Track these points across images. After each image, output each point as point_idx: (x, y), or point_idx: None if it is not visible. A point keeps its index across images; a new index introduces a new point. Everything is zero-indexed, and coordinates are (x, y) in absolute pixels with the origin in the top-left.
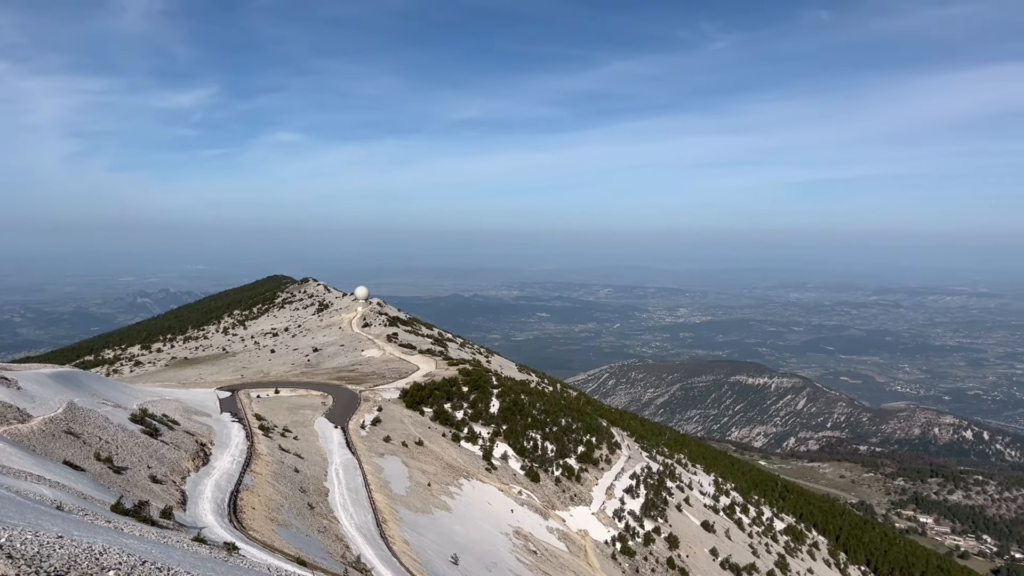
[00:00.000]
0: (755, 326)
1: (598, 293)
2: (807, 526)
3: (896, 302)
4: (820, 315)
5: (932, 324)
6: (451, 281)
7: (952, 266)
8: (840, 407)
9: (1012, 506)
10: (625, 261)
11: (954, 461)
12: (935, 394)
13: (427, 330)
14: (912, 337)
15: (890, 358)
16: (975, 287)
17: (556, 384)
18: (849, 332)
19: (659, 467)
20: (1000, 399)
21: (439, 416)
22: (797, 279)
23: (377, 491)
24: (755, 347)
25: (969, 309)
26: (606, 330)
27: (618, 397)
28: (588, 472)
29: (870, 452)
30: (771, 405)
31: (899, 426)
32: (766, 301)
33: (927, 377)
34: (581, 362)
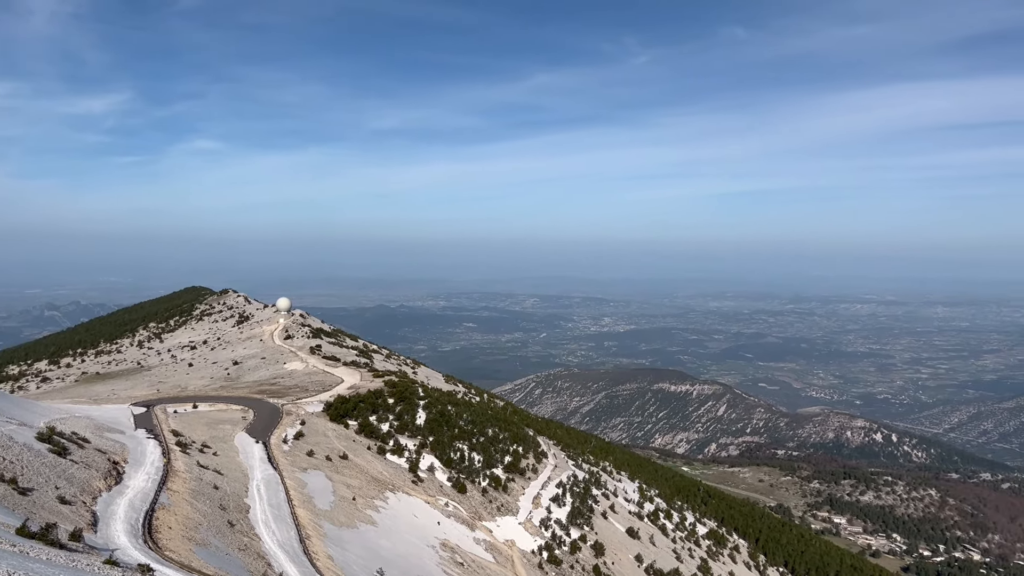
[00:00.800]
0: (677, 334)
1: (525, 303)
2: (728, 530)
3: (810, 310)
4: (739, 323)
5: (844, 331)
6: (377, 292)
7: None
8: (759, 413)
9: (919, 505)
10: (551, 271)
11: (865, 463)
12: (847, 398)
13: (352, 342)
14: (825, 344)
15: (805, 364)
16: (883, 295)
17: (483, 394)
18: (767, 340)
19: (585, 475)
20: (907, 402)
21: (364, 429)
22: (717, 288)
23: (300, 506)
24: (677, 355)
25: (878, 316)
26: (533, 340)
27: (545, 406)
28: (515, 482)
29: (787, 456)
30: (693, 412)
31: (814, 430)
32: (687, 310)
33: (840, 382)
34: (508, 372)
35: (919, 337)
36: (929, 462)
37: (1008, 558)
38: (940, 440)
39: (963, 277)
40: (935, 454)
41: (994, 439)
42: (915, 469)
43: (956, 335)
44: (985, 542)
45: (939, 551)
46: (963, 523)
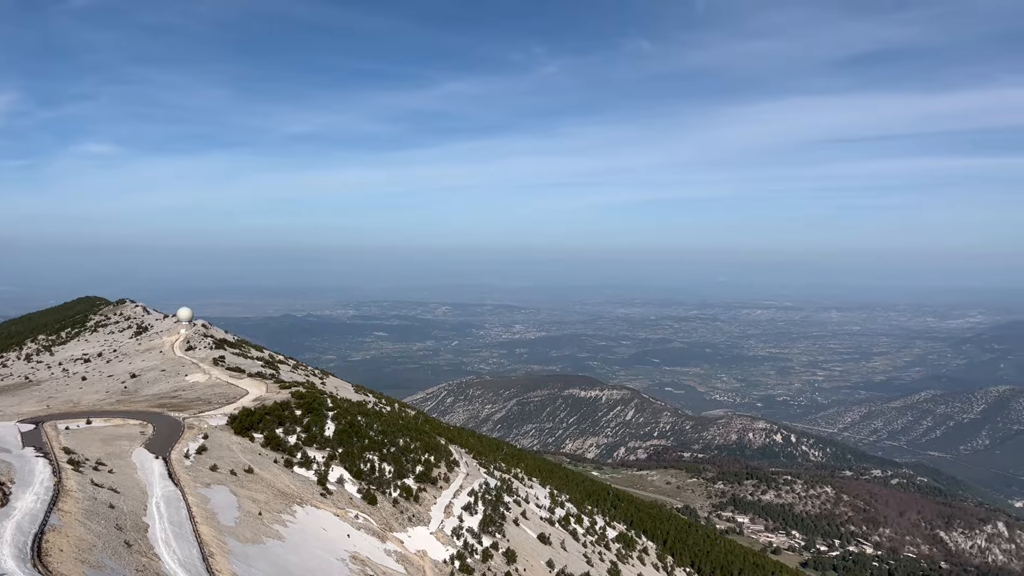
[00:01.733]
0: (587, 341)
1: (436, 311)
2: (637, 532)
3: (714, 316)
4: (646, 329)
5: (746, 336)
6: (283, 301)
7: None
8: (666, 416)
9: (816, 502)
10: (463, 279)
11: (767, 463)
12: (749, 401)
13: (257, 352)
14: (729, 348)
15: (710, 368)
16: (782, 301)
17: (394, 404)
18: (673, 345)
19: (497, 482)
20: (805, 404)
21: (271, 442)
22: (625, 295)
23: (203, 523)
24: (587, 361)
25: (777, 321)
26: (444, 348)
27: (457, 414)
28: (426, 491)
29: (693, 458)
30: (602, 417)
31: (718, 432)
32: (596, 316)
33: (742, 385)
34: (419, 381)
35: (815, 341)
36: (825, 461)
37: (898, 550)
38: (835, 439)
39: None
40: (831, 453)
41: (884, 437)
42: (812, 468)
43: (849, 339)
44: (877, 536)
45: (835, 546)
46: (856, 518)
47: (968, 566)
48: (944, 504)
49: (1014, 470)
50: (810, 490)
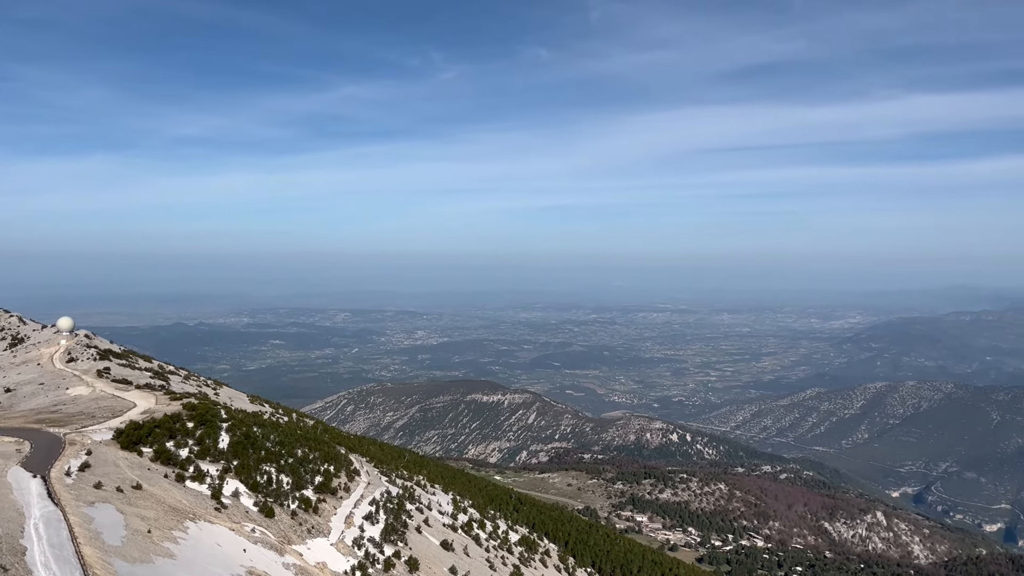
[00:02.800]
0: (488, 345)
1: (335, 318)
2: (539, 535)
3: (612, 319)
4: (547, 333)
5: (642, 339)
6: (174, 309)
7: (658, 286)
8: (566, 419)
9: (711, 499)
10: (363, 285)
11: (664, 462)
12: (647, 402)
13: (145, 363)
14: (626, 351)
15: (608, 371)
16: (677, 304)
17: (292, 414)
18: (573, 348)
19: (399, 490)
20: (699, 403)
21: (161, 456)
22: (526, 300)
23: (87, 544)
24: (489, 366)
25: (672, 324)
26: (344, 355)
27: (357, 423)
28: (326, 502)
29: (593, 460)
30: (505, 421)
31: (617, 433)
32: (498, 321)
33: (640, 387)
34: (319, 389)
35: (708, 343)
36: (719, 458)
37: (786, 542)
38: (728, 437)
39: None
40: (724, 451)
41: (773, 434)
42: (707, 466)
43: (739, 340)
44: (767, 529)
45: (729, 540)
46: (748, 513)
47: (850, 554)
48: (828, 496)
49: (890, 462)
50: (705, 487)
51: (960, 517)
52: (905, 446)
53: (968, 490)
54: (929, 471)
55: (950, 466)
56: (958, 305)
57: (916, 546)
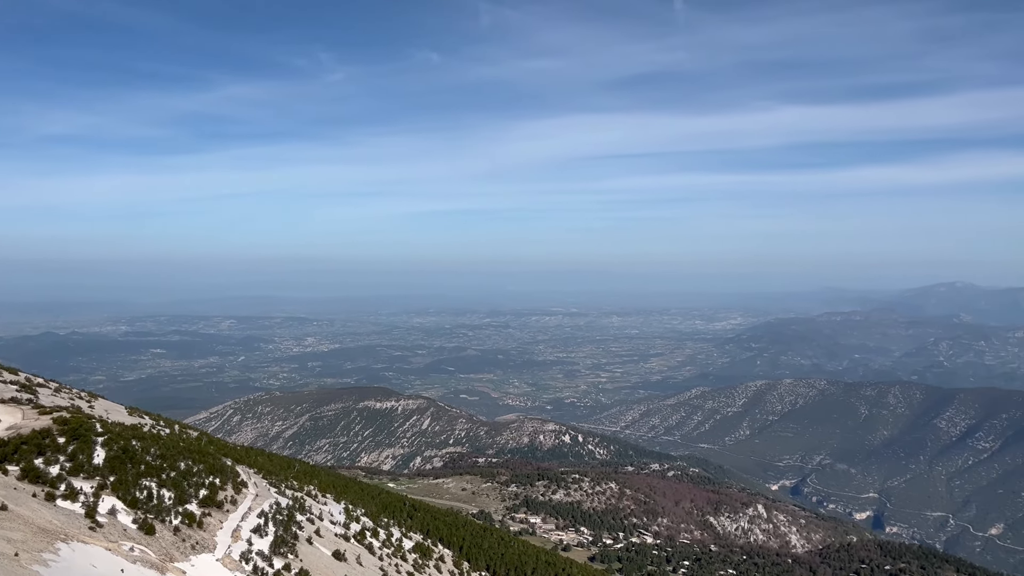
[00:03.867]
0: (382, 351)
1: (220, 325)
2: (434, 541)
3: (506, 323)
4: (441, 338)
5: (536, 342)
6: (43, 318)
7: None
8: (461, 424)
9: (602, 498)
10: (250, 291)
11: (556, 464)
12: (540, 404)
13: (11, 375)
14: (520, 354)
15: (502, 374)
16: (568, 308)
17: (174, 425)
18: (467, 353)
19: (289, 501)
20: (590, 404)
21: (29, 474)
22: (420, 305)
23: None
24: (382, 372)
25: (564, 327)
26: (230, 364)
27: (245, 433)
28: (212, 516)
29: (488, 463)
30: (398, 427)
31: (511, 436)
32: (391, 327)
33: (533, 390)
34: (203, 400)
35: (599, 345)
36: (610, 458)
37: (674, 537)
38: (618, 437)
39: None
40: (614, 450)
41: (661, 432)
42: (598, 465)
43: (628, 341)
44: (656, 526)
45: (619, 538)
46: (638, 510)
47: (734, 547)
48: (713, 492)
49: (770, 456)
50: (596, 487)
51: (833, 507)
52: (783, 441)
53: (840, 481)
54: (805, 464)
55: (824, 459)
56: (830, 306)
57: (794, 536)
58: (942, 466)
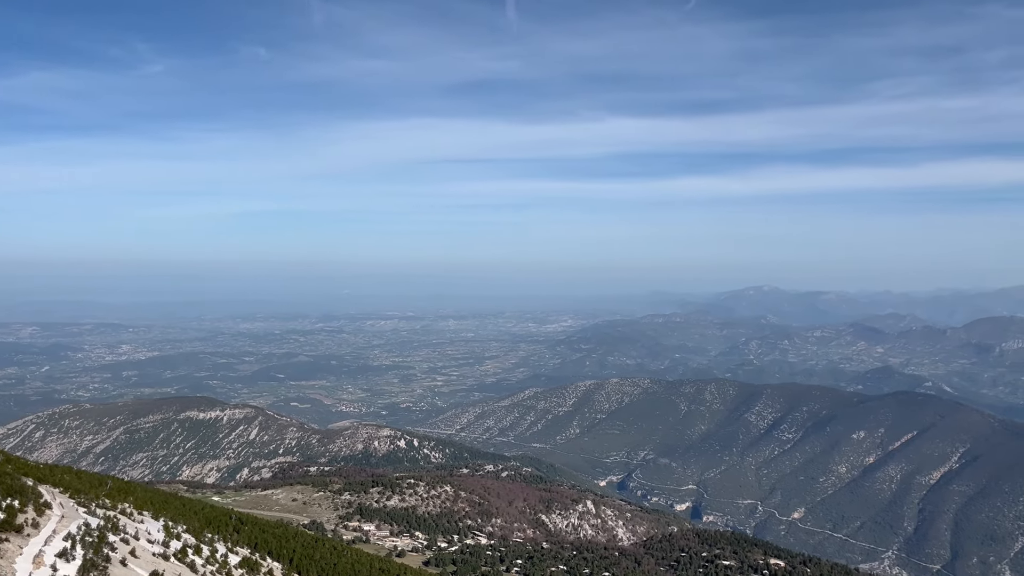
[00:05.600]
0: (206, 359)
1: (20, 332)
2: (262, 554)
3: (339, 328)
4: (270, 344)
5: (370, 347)
6: None
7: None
8: (291, 432)
9: (437, 502)
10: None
11: (392, 469)
12: (375, 410)
13: None
14: (354, 359)
15: (336, 381)
16: (404, 312)
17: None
18: (298, 359)
19: (100, 521)
20: (426, 408)
21: None
22: (247, 310)
23: None
24: (206, 380)
25: (400, 331)
26: (32, 375)
27: (49, 450)
28: (10, 543)
29: (320, 472)
30: (224, 438)
31: (345, 444)
32: (216, 333)
33: (368, 395)
34: (0, 415)
35: (435, 348)
36: (445, 461)
37: (508, 537)
38: (454, 440)
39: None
40: (450, 453)
41: (495, 434)
42: (434, 469)
43: (464, 345)
44: (490, 526)
45: (454, 541)
46: (473, 512)
47: (565, 543)
48: (545, 490)
49: (598, 453)
50: (431, 491)
51: (656, 500)
52: (611, 438)
53: (662, 475)
54: (631, 460)
55: (648, 454)
56: (653, 309)
57: (620, 529)
58: (752, 457)
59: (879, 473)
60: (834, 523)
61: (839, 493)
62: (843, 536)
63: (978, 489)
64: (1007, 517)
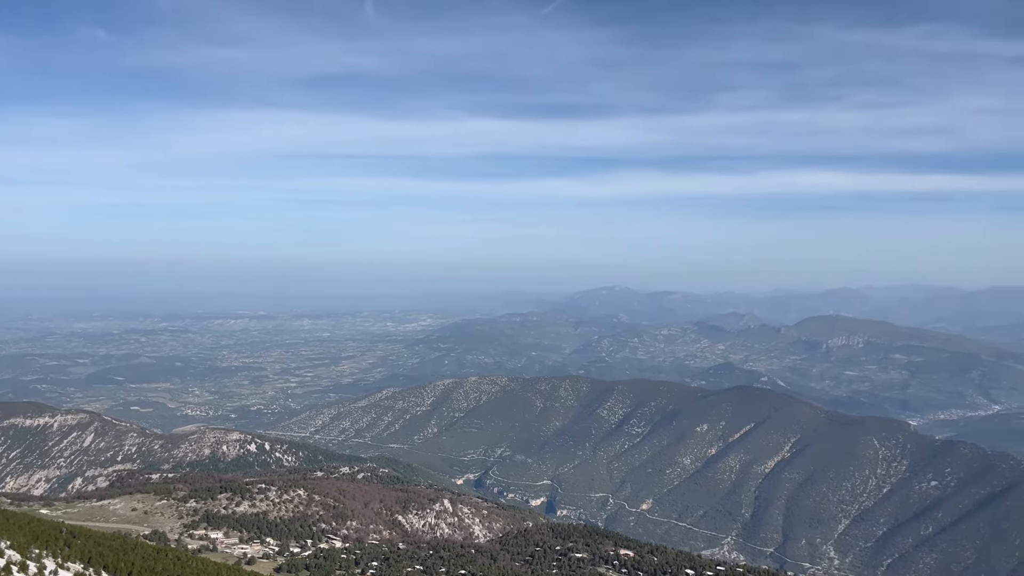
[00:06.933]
0: (33, 361)
1: None
2: (96, 569)
3: (185, 327)
4: (108, 345)
5: (219, 347)
6: None
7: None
8: (131, 438)
9: (290, 506)
10: None
11: (241, 474)
12: (223, 413)
13: None
14: (201, 361)
15: (181, 383)
16: (256, 311)
17: None
18: (140, 360)
19: None
20: (278, 411)
21: None
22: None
23: None
24: (34, 384)
25: (251, 331)
26: None
27: None
28: None
29: (163, 479)
30: (54, 446)
31: (191, 449)
32: (46, 333)
33: (216, 398)
34: None
35: (288, 349)
36: (299, 464)
37: (364, 539)
38: (308, 443)
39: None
40: (304, 456)
41: (351, 435)
42: (286, 473)
43: (319, 345)
44: (345, 529)
45: (308, 545)
46: (327, 516)
47: (421, 542)
48: (402, 491)
49: (456, 452)
50: (284, 495)
51: (512, 496)
52: (468, 436)
53: (518, 471)
54: (488, 457)
55: (504, 451)
56: (511, 308)
57: (477, 527)
58: (604, 451)
59: (720, 464)
60: (679, 512)
61: (684, 484)
62: (687, 525)
63: (807, 476)
64: (831, 501)
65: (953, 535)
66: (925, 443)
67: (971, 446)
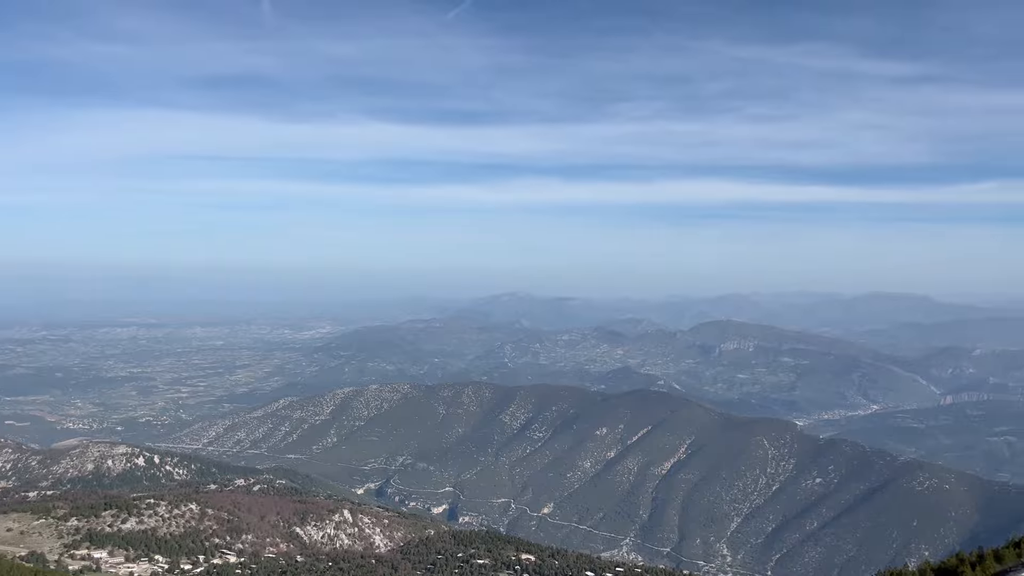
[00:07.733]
0: None
1: None
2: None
3: (67, 336)
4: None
5: (104, 356)
6: None
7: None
8: (5, 454)
9: (181, 521)
10: None
11: (128, 490)
12: (108, 426)
13: None
14: (84, 371)
15: (62, 395)
16: (145, 318)
17: None
18: (15, 371)
19: None
20: (169, 423)
21: None
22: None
23: None
24: None
25: (139, 340)
26: None
27: None
28: None
29: (41, 497)
30: None
31: (72, 464)
32: None
33: (100, 410)
34: None
35: (180, 358)
36: (191, 478)
37: (260, 553)
38: (200, 455)
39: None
40: (196, 469)
41: (247, 447)
42: (177, 487)
43: (213, 353)
44: (240, 543)
45: (200, 561)
46: (221, 530)
47: (320, 554)
48: (300, 502)
49: (356, 461)
50: (174, 510)
51: (414, 504)
52: (369, 445)
53: (420, 479)
54: (389, 466)
55: (406, 459)
56: (413, 314)
57: (378, 536)
58: (506, 457)
59: (619, 466)
60: (580, 515)
61: (584, 487)
62: (587, 527)
63: (701, 476)
64: (724, 500)
65: (836, 529)
66: (810, 442)
67: (852, 444)
